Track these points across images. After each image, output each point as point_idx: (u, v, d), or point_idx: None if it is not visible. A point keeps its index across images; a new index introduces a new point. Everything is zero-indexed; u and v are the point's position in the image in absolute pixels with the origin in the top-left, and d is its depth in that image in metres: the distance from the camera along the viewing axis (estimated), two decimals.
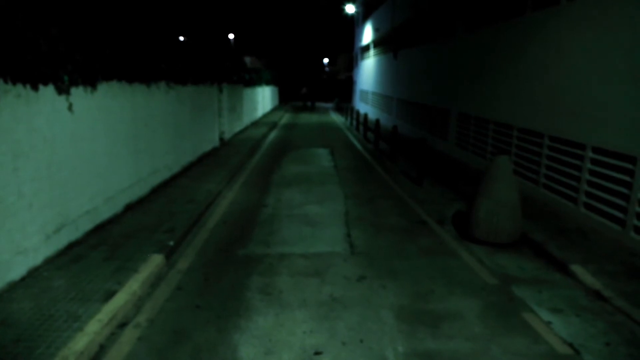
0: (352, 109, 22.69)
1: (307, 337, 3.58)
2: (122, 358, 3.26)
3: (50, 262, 4.53)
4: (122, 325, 3.68)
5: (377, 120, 14.25)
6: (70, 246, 4.95)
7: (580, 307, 4.16)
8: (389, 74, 20.94)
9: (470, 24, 11.03)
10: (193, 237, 5.74)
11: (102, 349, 3.35)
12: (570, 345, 3.54)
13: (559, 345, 3.54)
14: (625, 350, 3.48)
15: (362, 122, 17.06)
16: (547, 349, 3.50)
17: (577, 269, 4.80)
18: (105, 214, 5.80)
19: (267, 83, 27.07)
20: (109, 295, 3.94)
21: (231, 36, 44.86)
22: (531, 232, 5.85)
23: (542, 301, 4.26)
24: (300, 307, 4.07)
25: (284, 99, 39.16)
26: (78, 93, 5.09)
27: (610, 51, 5.81)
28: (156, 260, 4.75)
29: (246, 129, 17.82)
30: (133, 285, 4.16)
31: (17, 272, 4.11)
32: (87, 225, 5.34)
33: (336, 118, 25.98)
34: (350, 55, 44.52)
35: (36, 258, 4.39)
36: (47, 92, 4.54)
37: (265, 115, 25.01)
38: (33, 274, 4.26)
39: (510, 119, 8.63)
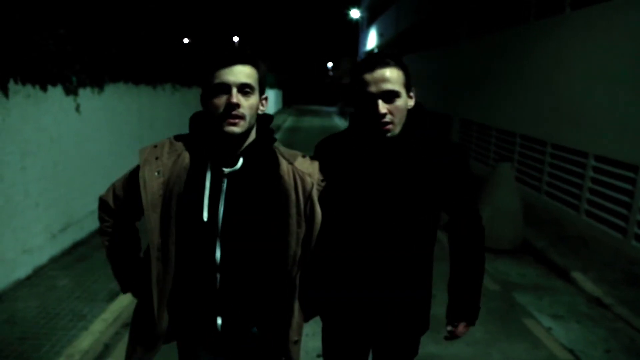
0: None
1: (310, 340, 3.61)
2: None
3: (56, 262, 4.58)
4: (127, 324, 3.71)
5: None
6: (75, 246, 5.00)
7: (581, 313, 4.19)
8: None
9: (474, 31, 11.09)
10: None
11: (107, 348, 3.38)
12: (571, 351, 3.57)
13: (559, 351, 3.57)
14: (625, 358, 3.50)
15: None
16: (547, 354, 3.52)
17: (578, 276, 4.83)
18: None
19: (271, 86, 27.16)
20: (114, 295, 3.98)
21: (236, 39, 45.04)
22: (533, 239, 5.87)
23: (542, 307, 4.29)
24: None
25: (287, 103, 39.28)
26: (85, 94, 5.14)
27: (614, 60, 5.85)
28: None
29: None
30: None
31: (22, 270, 4.16)
32: (91, 225, 5.38)
33: (339, 122, 26.04)
34: (354, 60, 44.64)
35: (41, 257, 4.44)
36: (56, 92, 4.60)
37: None
38: (38, 273, 4.31)
39: (512, 126, 8.66)
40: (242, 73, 1.43)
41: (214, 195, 1.48)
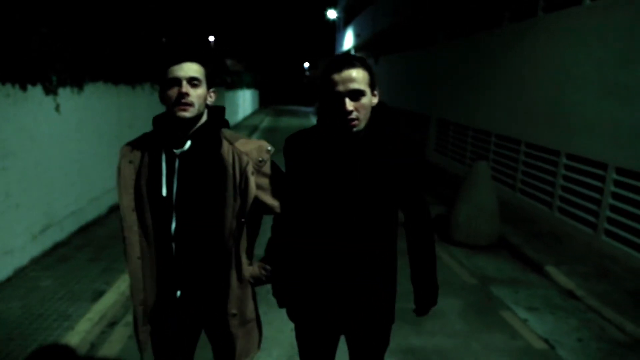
0: None
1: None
2: (114, 356, 3.30)
3: (36, 263, 4.53)
4: (112, 324, 3.71)
5: None
6: (56, 247, 4.94)
7: (555, 305, 4.38)
8: None
9: (450, 33, 11.33)
10: None
11: (93, 347, 3.38)
12: (546, 340, 3.74)
13: (535, 340, 3.74)
14: (595, 345, 3.69)
15: None
16: (524, 344, 3.68)
17: (551, 270, 5.03)
18: (90, 215, 5.79)
19: (248, 86, 27.04)
20: (98, 295, 3.97)
21: (212, 38, 44.64)
22: (508, 235, 6.07)
23: (518, 300, 4.46)
24: None
25: (264, 103, 39.15)
26: (65, 94, 5.09)
27: (584, 62, 6.09)
28: None
29: None
30: (121, 286, 4.18)
31: (3, 272, 4.10)
32: (72, 226, 5.33)
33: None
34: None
35: (22, 258, 4.38)
36: (36, 92, 4.55)
37: (246, 119, 24.99)
38: (19, 274, 4.25)
39: (488, 125, 8.90)
40: (190, 69, 1.65)
41: (170, 173, 1.71)
